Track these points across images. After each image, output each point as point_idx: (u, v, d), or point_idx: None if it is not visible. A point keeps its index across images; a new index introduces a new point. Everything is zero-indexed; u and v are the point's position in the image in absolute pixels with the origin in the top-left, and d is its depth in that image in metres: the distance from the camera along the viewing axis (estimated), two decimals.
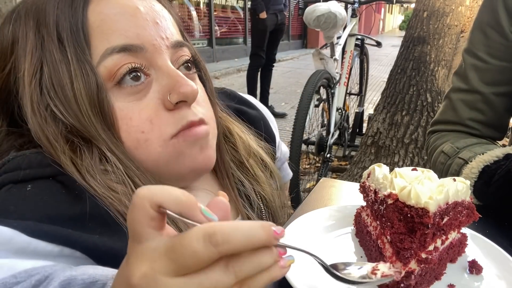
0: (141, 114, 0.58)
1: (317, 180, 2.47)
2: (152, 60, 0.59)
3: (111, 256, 0.49)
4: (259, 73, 5.18)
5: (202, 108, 0.65)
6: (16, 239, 0.46)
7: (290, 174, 1.02)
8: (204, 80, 0.72)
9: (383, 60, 10.14)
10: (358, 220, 0.70)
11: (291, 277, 0.54)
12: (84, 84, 0.56)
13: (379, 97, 3.17)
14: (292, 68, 9.61)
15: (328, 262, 0.63)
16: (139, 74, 0.58)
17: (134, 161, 0.59)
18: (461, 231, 0.63)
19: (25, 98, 0.57)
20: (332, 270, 0.43)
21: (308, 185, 3.09)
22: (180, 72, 0.61)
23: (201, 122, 0.62)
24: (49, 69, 0.57)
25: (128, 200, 0.54)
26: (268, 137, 0.85)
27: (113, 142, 0.57)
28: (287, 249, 0.35)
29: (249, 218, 0.75)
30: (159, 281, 0.31)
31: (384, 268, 0.46)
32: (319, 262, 0.42)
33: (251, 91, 5.04)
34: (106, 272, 0.43)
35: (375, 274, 0.45)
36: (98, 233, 0.51)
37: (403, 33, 3.49)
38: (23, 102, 0.58)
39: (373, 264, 0.46)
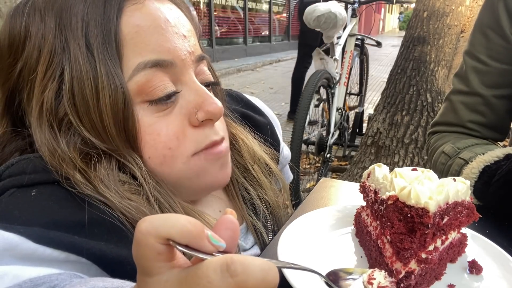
0: (169, 130, 0.58)
1: (317, 180, 2.47)
2: (180, 75, 0.59)
3: (117, 263, 0.49)
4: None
5: (221, 123, 0.65)
6: (22, 246, 0.45)
7: (291, 177, 1.02)
8: (216, 91, 0.71)
9: (383, 60, 10.14)
10: (358, 220, 0.70)
11: (291, 277, 0.54)
12: (110, 99, 0.54)
13: (379, 97, 3.17)
14: (292, 68, 9.60)
15: (328, 263, 0.63)
16: (170, 95, 0.58)
17: (154, 176, 0.58)
18: (461, 231, 0.63)
19: (34, 101, 0.55)
20: (332, 284, 0.43)
21: (308, 185, 3.09)
22: (205, 89, 0.61)
23: (222, 140, 0.63)
24: (72, 78, 0.54)
25: (145, 209, 0.54)
26: (273, 142, 0.85)
27: (134, 158, 0.56)
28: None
29: (254, 226, 0.75)
30: None
31: (380, 277, 0.46)
32: (321, 277, 0.42)
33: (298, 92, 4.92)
34: (116, 285, 0.41)
35: (372, 284, 0.45)
36: (104, 240, 0.50)
37: (403, 33, 3.49)
38: (29, 105, 0.56)
39: (369, 272, 0.45)
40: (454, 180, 0.58)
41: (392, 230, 0.56)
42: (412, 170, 0.62)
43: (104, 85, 0.54)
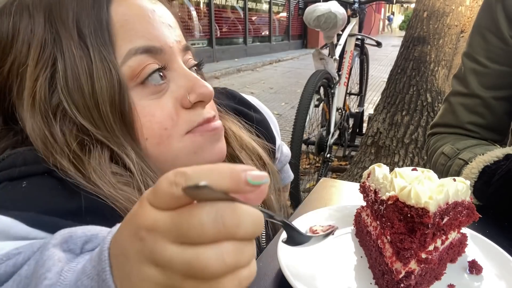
0: (163, 111, 0.60)
1: (317, 180, 2.47)
2: (169, 62, 0.62)
3: None
4: None
5: (212, 106, 0.68)
6: (16, 228, 0.46)
7: (291, 176, 1.01)
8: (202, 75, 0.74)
9: (383, 60, 10.14)
10: (358, 220, 0.70)
11: (291, 277, 0.54)
12: (106, 83, 0.56)
13: (379, 97, 3.17)
14: (292, 68, 9.62)
15: (328, 263, 0.63)
16: (162, 74, 0.60)
17: (150, 160, 0.60)
18: (461, 231, 0.63)
19: (25, 93, 0.56)
20: (297, 229, 0.42)
21: (308, 185, 3.09)
22: (195, 73, 0.64)
23: (215, 117, 0.66)
24: (65, 66, 0.56)
25: (137, 199, 0.54)
26: (268, 137, 0.85)
27: (129, 142, 0.58)
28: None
29: None
30: (157, 242, 0.30)
31: (319, 227, 0.46)
32: (280, 222, 0.40)
33: None
34: (106, 229, 0.42)
35: (316, 232, 0.45)
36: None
37: (403, 33, 3.49)
38: (20, 98, 0.57)
39: (308, 228, 0.45)
40: (454, 180, 0.58)
41: (392, 230, 0.56)
42: (412, 170, 0.62)
43: (99, 71, 0.56)
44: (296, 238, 0.42)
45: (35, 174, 0.54)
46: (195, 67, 0.69)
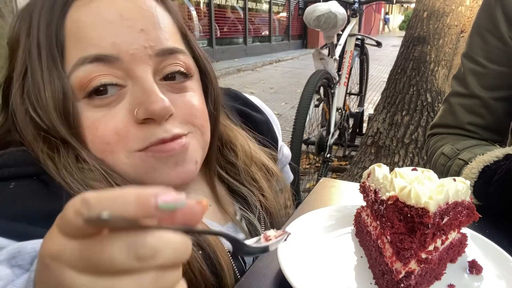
0: (107, 125, 0.57)
1: (317, 180, 2.47)
2: (129, 70, 0.57)
3: None
4: None
5: (187, 122, 0.62)
6: None
7: (291, 177, 1.02)
8: (207, 85, 0.70)
9: (383, 60, 10.14)
10: (358, 220, 0.70)
11: (291, 277, 0.54)
12: (51, 93, 0.56)
13: (379, 97, 3.17)
14: (292, 68, 9.62)
15: (328, 263, 0.63)
16: (117, 83, 0.57)
17: (106, 166, 0.58)
18: (461, 231, 0.63)
19: (13, 95, 0.59)
20: (245, 242, 0.38)
21: (308, 185, 3.09)
22: (155, 86, 0.57)
23: (175, 137, 0.59)
24: (30, 74, 0.57)
25: None
26: (271, 140, 0.85)
27: (82, 149, 0.57)
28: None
29: (246, 220, 0.75)
30: (64, 272, 0.27)
31: (272, 232, 0.43)
32: (230, 239, 0.37)
33: None
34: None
35: (270, 239, 0.42)
36: None
37: (403, 33, 3.49)
38: (12, 99, 0.59)
39: (262, 235, 0.43)
40: (454, 180, 0.58)
41: (392, 230, 0.56)
42: (412, 170, 0.62)
43: (46, 81, 0.56)
44: (243, 248, 0.38)
45: (24, 176, 0.55)
46: (181, 75, 0.62)
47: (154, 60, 0.59)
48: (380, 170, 0.63)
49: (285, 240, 0.44)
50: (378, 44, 3.51)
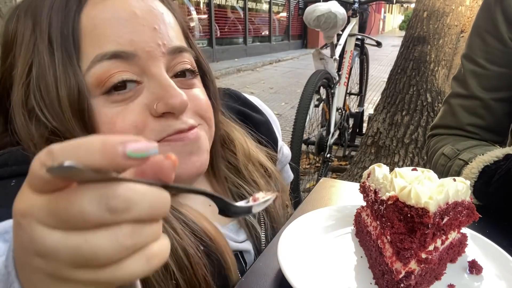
0: (125, 120, 0.57)
1: (317, 180, 2.47)
2: (145, 67, 0.58)
3: None
4: None
5: (196, 114, 0.64)
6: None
7: (291, 176, 1.02)
8: (207, 83, 0.71)
9: (383, 60, 10.14)
10: (358, 220, 0.70)
11: (291, 277, 0.54)
12: (66, 90, 0.55)
13: (379, 97, 3.17)
14: (292, 68, 9.61)
15: (328, 263, 0.63)
16: (135, 80, 0.58)
17: None
18: (461, 231, 0.63)
19: (14, 96, 0.58)
20: (233, 203, 0.38)
21: (308, 185, 3.09)
22: (172, 81, 0.59)
23: (192, 128, 0.61)
24: (38, 72, 0.57)
25: None
26: (271, 141, 0.85)
27: None
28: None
29: (246, 223, 0.75)
30: (34, 229, 0.27)
31: (261, 194, 0.43)
32: (217, 200, 0.36)
33: None
34: None
35: (257, 199, 0.42)
36: None
37: (403, 33, 3.49)
38: (12, 100, 0.59)
39: (251, 197, 0.43)
40: (454, 180, 0.58)
41: (392, 230, 0.56)
42: (412, 170, 0.62)
43: (61, 78, 0.55)
44: (229, 208, 0.37)
45: (25, 174, 0.54)
46: (189, 72, 0.64)
47: (167, 58, 0.61)
48: (380, 170, 0.63)
49: (273, 202, 0.41)
50: (378, 44, 3.51)
